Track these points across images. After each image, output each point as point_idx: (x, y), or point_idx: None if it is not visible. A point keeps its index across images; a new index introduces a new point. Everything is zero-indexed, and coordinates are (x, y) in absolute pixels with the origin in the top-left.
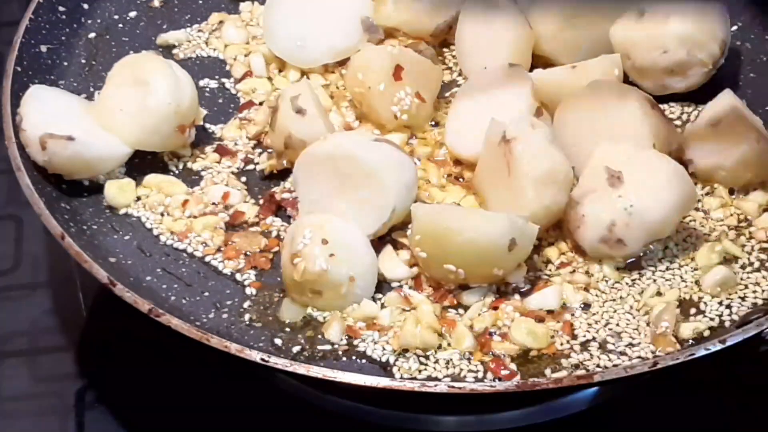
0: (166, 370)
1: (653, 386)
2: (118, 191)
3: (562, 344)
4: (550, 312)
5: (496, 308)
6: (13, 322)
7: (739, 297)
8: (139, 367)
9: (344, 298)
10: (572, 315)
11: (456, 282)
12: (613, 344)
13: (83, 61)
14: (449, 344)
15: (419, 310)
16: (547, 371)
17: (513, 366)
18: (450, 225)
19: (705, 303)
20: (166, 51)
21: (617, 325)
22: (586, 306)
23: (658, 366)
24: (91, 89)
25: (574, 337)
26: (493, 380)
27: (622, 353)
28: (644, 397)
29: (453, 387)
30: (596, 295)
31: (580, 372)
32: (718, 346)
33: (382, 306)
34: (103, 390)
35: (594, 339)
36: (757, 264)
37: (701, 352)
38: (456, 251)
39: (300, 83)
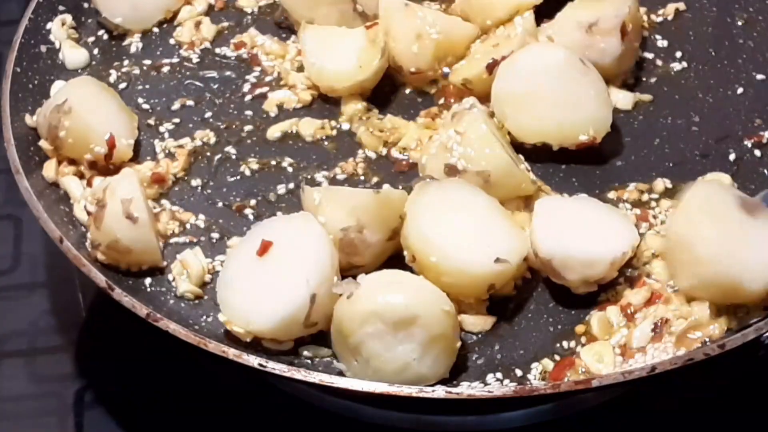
0: (166, 370)
1: (654, 387)
2: None
3: None
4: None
5: None
6: (11, 322)
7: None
8: (139, 368)
9: None
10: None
11: None
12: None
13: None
14: None
15: None
16: None
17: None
18: None
19: None
20: None
21: None
22: None
23: (656, 371)
24: None
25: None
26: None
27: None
28: (646, 397)
29: (450, 393)
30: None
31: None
32: (717, 351)
33: None
34: (102, 390)
35: None
36: None
37: (700, 356)
38: None
39: (129, 177)
